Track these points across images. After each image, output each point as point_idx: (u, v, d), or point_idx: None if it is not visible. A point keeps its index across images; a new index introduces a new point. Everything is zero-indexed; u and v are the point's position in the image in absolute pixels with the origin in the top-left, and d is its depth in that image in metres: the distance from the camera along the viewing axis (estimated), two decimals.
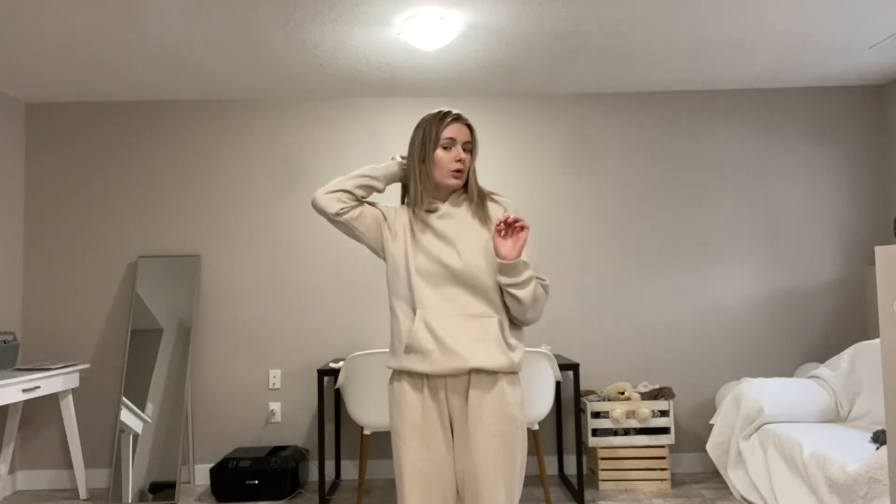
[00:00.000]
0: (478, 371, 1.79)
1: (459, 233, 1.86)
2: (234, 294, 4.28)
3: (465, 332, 1.79)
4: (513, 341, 1.84)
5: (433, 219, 1.88)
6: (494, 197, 1.96)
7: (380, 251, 1.94)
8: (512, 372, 1.83)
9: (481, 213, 1.90)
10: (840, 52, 3.77)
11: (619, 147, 4.37)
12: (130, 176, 4.32)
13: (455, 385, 1.81)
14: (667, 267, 4.31)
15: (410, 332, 1.80)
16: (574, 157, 4.37)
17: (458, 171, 1.86)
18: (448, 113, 1.88)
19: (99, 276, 4.26)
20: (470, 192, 1.92)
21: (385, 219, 1.93)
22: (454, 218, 1.88)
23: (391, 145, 4.35)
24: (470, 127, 1.91)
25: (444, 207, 1.90)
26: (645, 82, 4.20)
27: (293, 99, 4.37)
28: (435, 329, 1.78)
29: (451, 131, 1.86)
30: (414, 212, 1.90)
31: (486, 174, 4.35)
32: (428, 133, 1.87)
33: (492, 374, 1.80)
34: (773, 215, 4.33)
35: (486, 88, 4.25)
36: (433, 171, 1.87)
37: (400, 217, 1.93)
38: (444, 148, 1.86)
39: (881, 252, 2.13)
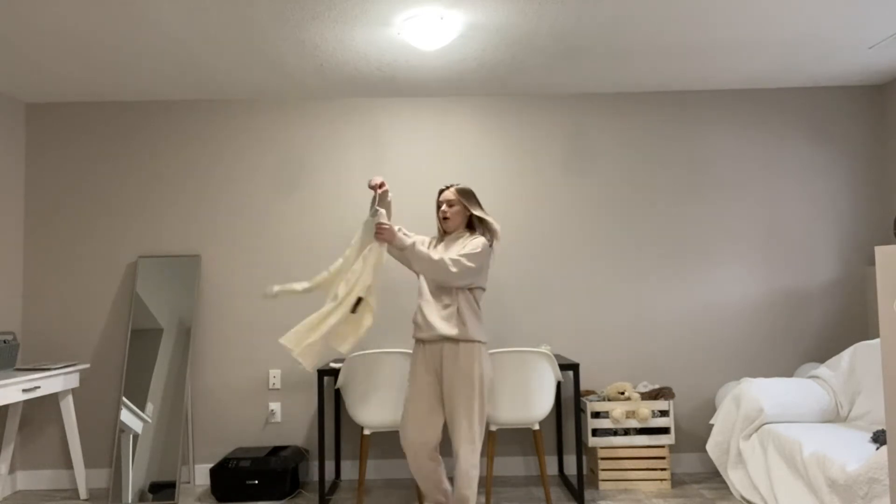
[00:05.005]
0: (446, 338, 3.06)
1: (447, 253, 3.12)
2: (234, 294, 4.28)
3: (442, 315, 3.05)
4: (464, 320, 3.04)
5: (443, 245, 3.23)
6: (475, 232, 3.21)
7: None
8: (458, 339, 3.02)
9: (465, 241, 3.15)
10: (840, 52, 3.77)
11: (619, 147, 4.37)
12: (130, 176, 4.32)
13: (448, 347, 3.06)
14: (667, 267, 4.31)
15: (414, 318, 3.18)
16: (574, 157, 4.37)
17: (443, 217, 3.18)
18: (441, 188, 3.25)
19: (99, 276, 4.27)
20: (472, 227, 3.23)
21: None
22: (448, 244, 3.20)
23: (391, 145, 4.36)
24: (454, 189, 3.18)
25: (447, 239, 3.23)
26: (645, 82, 4.20)
27: (293, 99, 4.37)
28: (425, 313, 3.11)
29: (441, 197, 3.21)
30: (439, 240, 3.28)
31: (486, 175, 4.35)
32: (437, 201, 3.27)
33: (444, 339, 3.05)
34: (774, 215, 4.33)
35: (486, 88, 4.25)
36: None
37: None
38: (439, 207, 3.21)
39: (881, 252, 2.13)
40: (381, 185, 3.07)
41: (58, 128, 4.33)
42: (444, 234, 3.22)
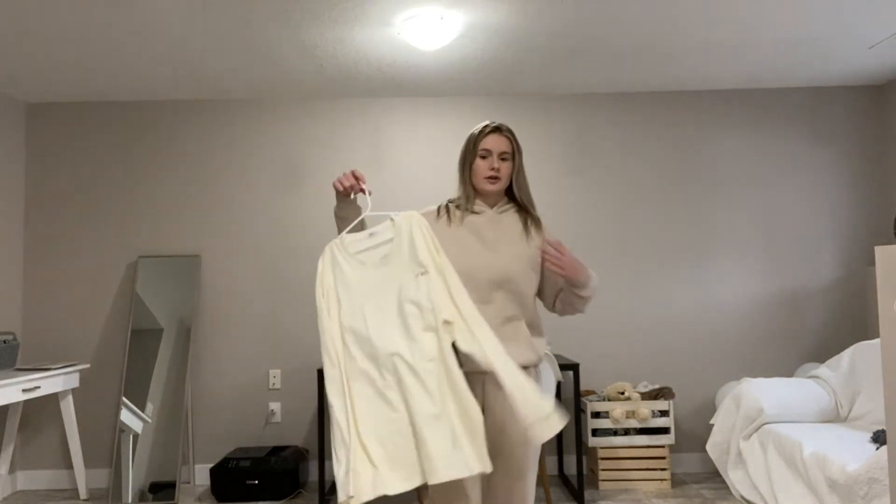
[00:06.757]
0: None
1: (503, 238, 2.00)
2: (234, 294, 4.28)
3: (501, 335, 1.90)
4: (535, 339, 2.02)
5: (478, 220, 2.02)
6: (536, 214, 2.09)
7: None
8: (537, 364, 2.03)
9: (525, 222, 2.04)
10: (840, 52, 3.77)
11: (619, 147, 4.37)
12: (130, 176, 4.32)
13: (493, 378, 1.89)
14: (667, 267, 4.31)
15: None
16: (574, 157, 4.37)
17: (492, 177, 1.99)
18: (488, 125, 2.03)
19: (99, 276, 4.26)
20: (517, 198, 2.06)
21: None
22: (498, 223, 2.02)
23: (391, 145, 4.36)
24: (510, 138, 2.03)
25: (490, 212, 2.04)
26: (645, 82, 4.20)
27: (293, 99, 4.37)
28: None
29: (488, 142, 2.01)
30: (459, 213, 2.03)
31: None
32: (469, 144, 2.04)
33: (523, 368, 1.95)
34: (773, 215, 4.33)
35: (486, 88, 4.25)
36: (473, 178, 2.03)
37: (441, 222, 2.03)
38: (482, 157, 2.01)
39: (881, 252, 2.13)
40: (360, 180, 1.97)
41: (58, 128, 4.33)
42: (467, 206, 2.02)
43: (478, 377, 1.91)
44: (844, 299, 4.30)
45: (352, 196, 1.94)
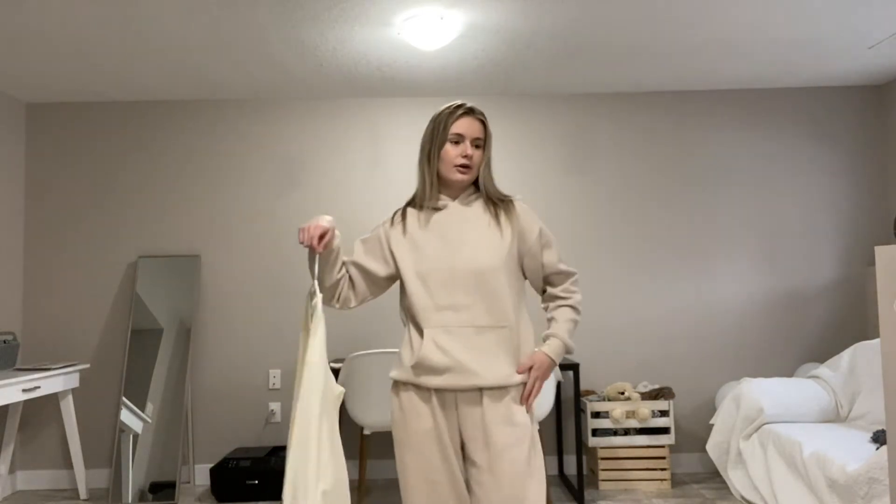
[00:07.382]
0: (490, 387, 1.75)
1: (470, 233, 1.79)
2: (234, 294, 4.28)
3: (476, 348, 1.74)
4: (521, 350, 1.81)
5: (441, 217, 1.82)
6: (504, 197, 1.88)
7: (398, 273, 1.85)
8: (521, 382, 1.79)
9: (495, 211, 1.83)
10: (840, 52, 3.77)
11: (619, 147, 4.37)
12: (130, 176, 4.32)
13: (466, 398, 1.76)
14: (667, 267, 4.31)
15: (420, 351, 1.73)
16: (573, 157, 4.37)
17: (463, 166, 1.79)
18: (460, 106, 1.80)
19: (99, 276, 4.26)
20: (482, 190, 1.86)
21: (387, 241, 1.85)
22: (464, 217, 1.82)
23: (391, 145, 4.36)
24: (483, 122, 1.83)
25: (454, 205, 1.83)
26: (645, 82, 4.20)
27: (293, 99, 4.37)
28: (446, 348, 1.73)
29: (460, 126, 1.79)
30: (422, 215, 1.83)
31: None
32: (437, 126, 1.81)
33: (503, 388, 1.76)
34: (773, 215, 4.33)
35: (486, 88, 4.25)
36: (440, 165, 1.82)
37: (396, 230, 1.85)
38: (453, 143, 1.80)
39: (881, 252, 2.13)
40: (323, 237, 1.73)
41: (58, 128, 4.33)
42: (429, 203, 1.84)
43: (450, 395, 1.75)
44: (844, 299, 4.30)
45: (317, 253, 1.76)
